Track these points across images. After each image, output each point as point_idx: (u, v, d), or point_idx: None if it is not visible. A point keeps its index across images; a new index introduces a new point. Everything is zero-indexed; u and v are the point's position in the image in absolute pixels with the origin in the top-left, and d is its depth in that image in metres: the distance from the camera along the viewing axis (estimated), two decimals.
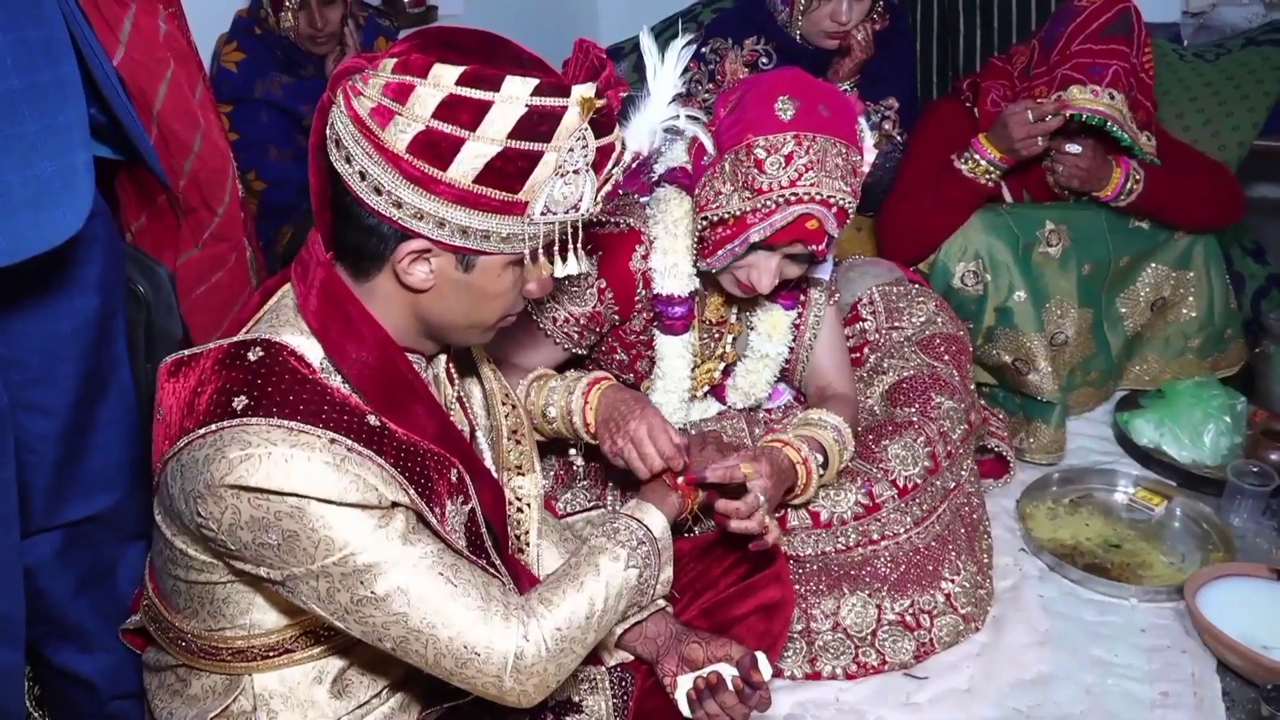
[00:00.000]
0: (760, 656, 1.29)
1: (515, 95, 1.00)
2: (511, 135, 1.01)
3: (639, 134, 1.32)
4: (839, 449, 1.60)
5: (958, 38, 2.65)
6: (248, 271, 1.60)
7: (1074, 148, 2.12)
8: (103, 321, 1.30)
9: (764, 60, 2.26)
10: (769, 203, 1.45)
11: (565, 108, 1.02)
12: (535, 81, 1.01)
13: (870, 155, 1.52)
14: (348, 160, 1.04)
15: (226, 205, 1.50)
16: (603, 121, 1.07)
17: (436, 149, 1.00)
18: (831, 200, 1.44)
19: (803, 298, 1.73)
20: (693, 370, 1.73)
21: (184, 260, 1.56)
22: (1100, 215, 2.26)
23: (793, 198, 1.43)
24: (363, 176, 1.04)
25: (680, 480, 1.41)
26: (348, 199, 1.07)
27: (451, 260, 1.08)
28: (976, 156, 2.13)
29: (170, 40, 1.40)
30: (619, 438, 1.44)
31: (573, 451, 1.64)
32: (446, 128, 1.00)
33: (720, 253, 1.52)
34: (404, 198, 1.03)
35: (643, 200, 1.63)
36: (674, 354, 1.67)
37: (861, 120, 1.52)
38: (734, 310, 1.73)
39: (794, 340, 1.75)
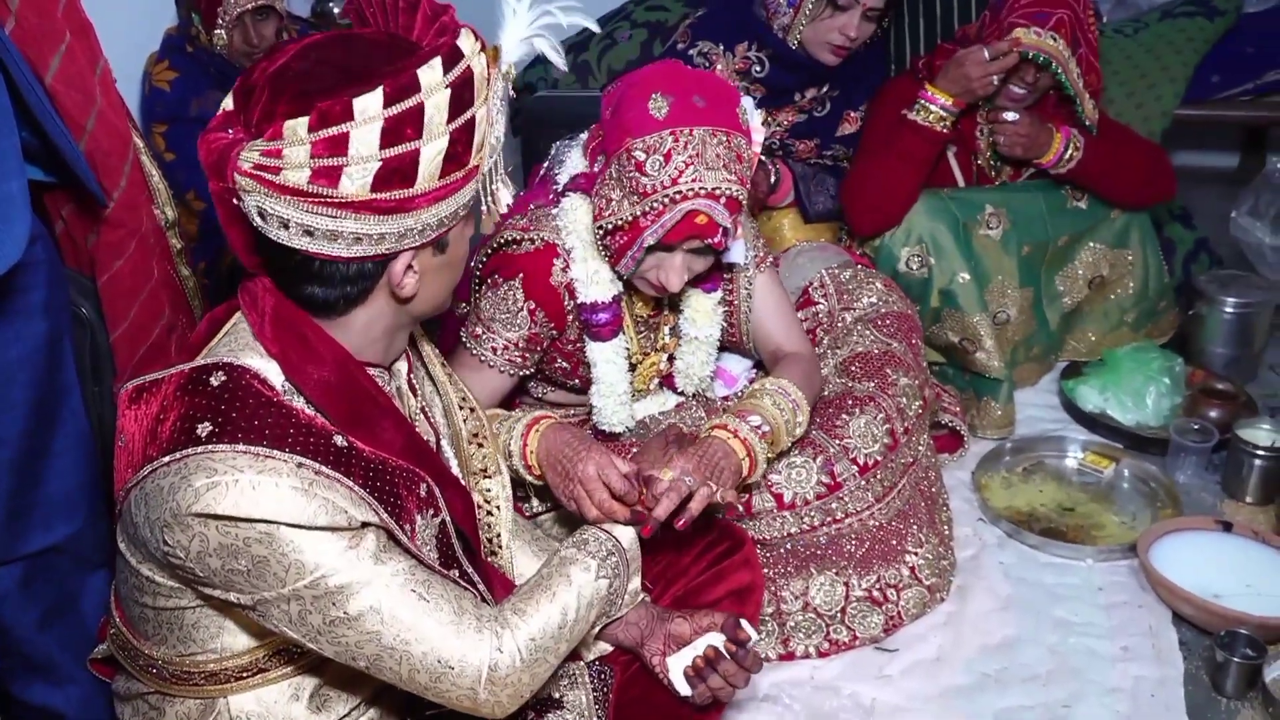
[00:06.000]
0: (743, 620, 1.32)
1: (436, 82, 1.02)
2: (450, 119, 1.03)
3: (511, 48, 1.29)
4: (780, 414, 1.57)
5: (903, 32, 2.67)
6: (150, 259, 1.53)
7: (1011, 115, 2.19)
8: (51, 346, 1.28)
9: (757, 69, 2.20)
10: (655, 204, 1.44)
11: (470, 67, 1.05)
12: (439, 59, 1.02)
13: (759, 135, 1.52)
14: (308, 234, 1.03)
15: (123, 190, 1.44)
16: (464, 81, 1.07)
17: (401, 173, 1.01)
18: (718, 191, 1.44)
19: (728, 276, 1.74)
20: (633, 368, 1.74)
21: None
22: (1039, 197, 2.32)
23: (677, 196, 1.43)
24: (333, 238, 1.03)
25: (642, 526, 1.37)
26: (315, 264, 1.06)
27: (429, 252, 1.11)
28: (927, 104, 2.15)
29: (70, 12, 1.35)
30: (570, 483, 1.41)
31: (535, 502, 1.64)
32: (399, 149, 1.00)
33: (624, 259, 1.52)
34: (386, 231, 1.04)
35: (553, 212, 1.62)
36: (605, 360, 1.67)
37: (745, 102, 1.51)
38: (665, 300, 1.73)
39: (730, 317, 1.76)
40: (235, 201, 1.03)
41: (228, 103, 1.05)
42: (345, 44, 1.06)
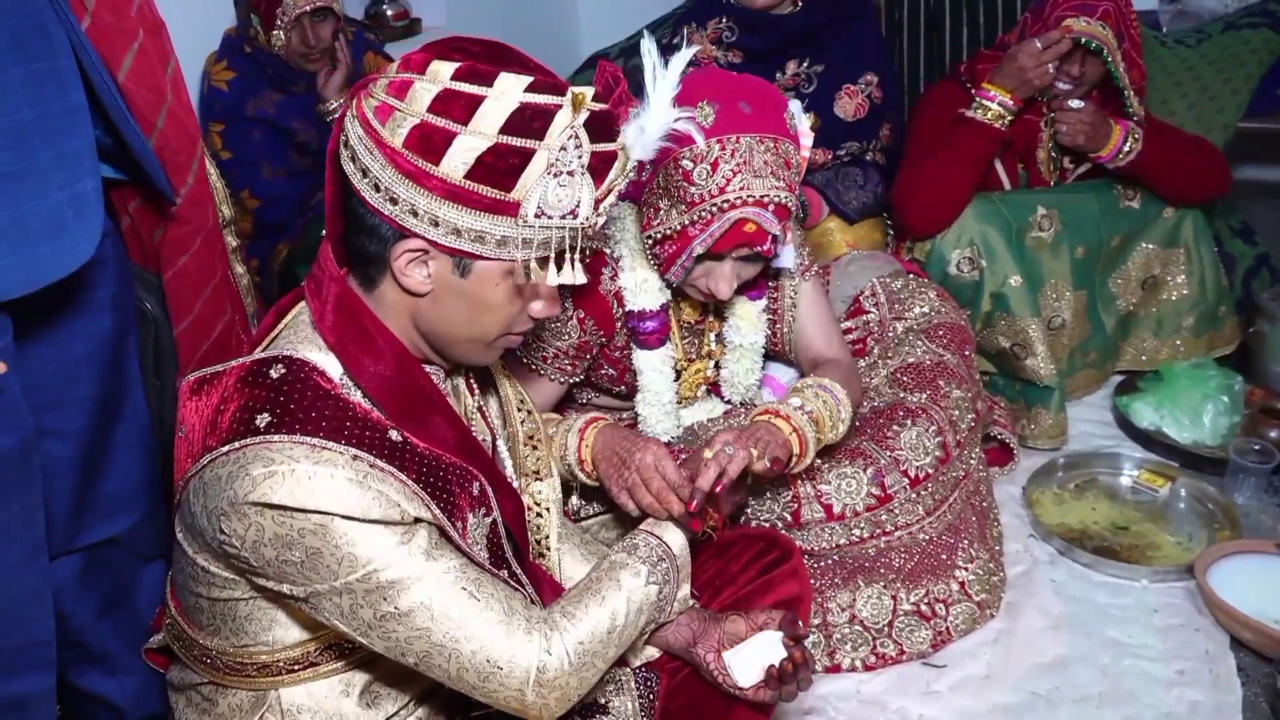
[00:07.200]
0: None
1: (508, 90, 1.01)
2: (503, 130, 1.01)
3: (636, 137, 1.30)
4: (821, 403, 1.54)
5: (944, 34, 2.67)
6: (214, 256, 1.55)
7: (1076, 103, 2.18)
8: (116, 342, 1.31)
9: (727, 35, 2.30)
10: (704, 213, 1.43)
11: (559, 105, 1.03)
12: (529, 79, 1.02)
13: (807, 140, 1.50)
14: (353, 159, 1.05)
15: (190, 187, 1.45)
16: (603, 128, 1.07)
17: (430, 143, 1.01)
18: (766, 199, 1.42)
19: (773, 284, 1.73)
20: (678, 375, 1.73)
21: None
22: (1091, 198, 2.29)
23: (725, 205, 1.42)
24: (364, 174, 1.04)
25: (692, 514, 1.34)
26: (353, 200, 1.07)
27: (448, 264, 1.07)
28: (985, 102, 2.16)
29: (144, 11, 1.38)
30: (626, 470, 1.40)
31: (575, 500, 1.64)
32: (440, 121, 1.01)
33: (673, 268, 1.51)
34: (399, 193, 1.03)
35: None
36: (651, 368, 1.67)
37: (793, 106, 1.50)
38: (710, 307, 1.72)
39: (774, 325, 1.74)
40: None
41: None
42: (502, 46, 1.09)
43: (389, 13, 3.21)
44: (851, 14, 2.33)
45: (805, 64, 2.29)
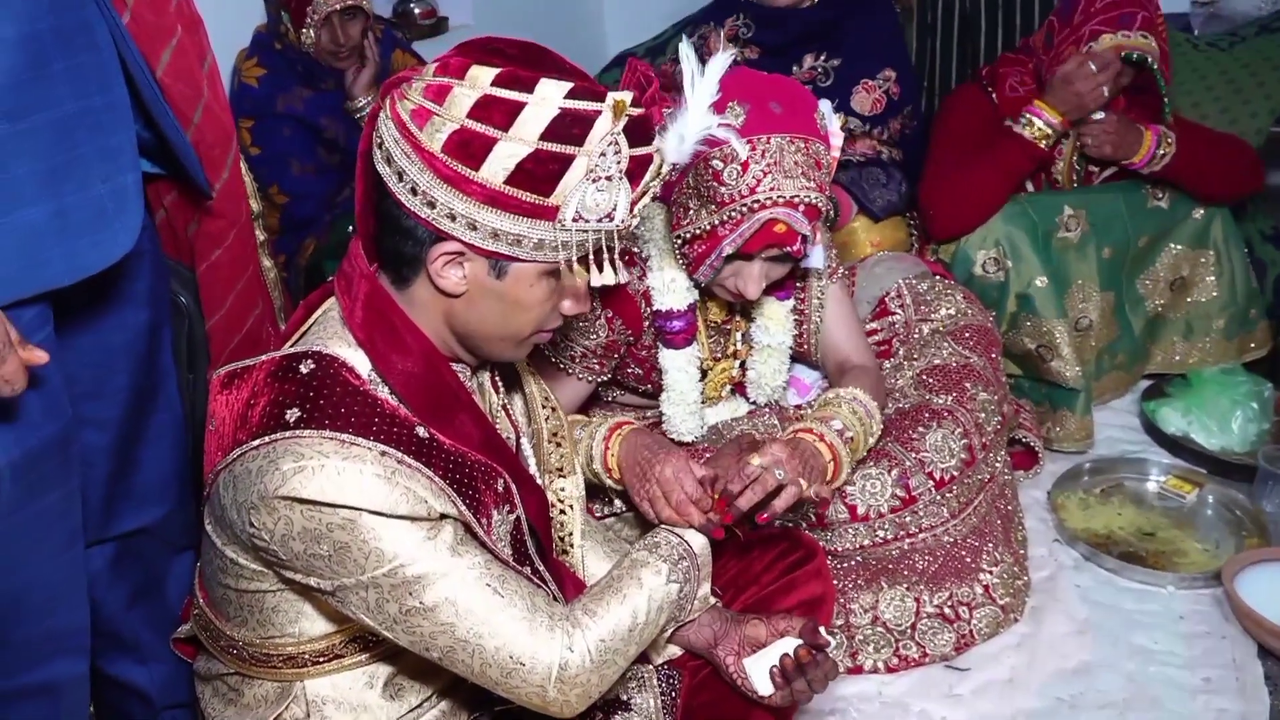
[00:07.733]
0: (820, 626, 1.30)
1: (548, 97, 1.02)
2: (543, 137, 1.01)
3: (675, 145, 1.27)
4: (858, 421, 1.55)
5: (978, 36, 2.66)
6: (246, 248, 1.56)
7: (1098, 114, 2.16)
8: (152, 334, 1.32)
9: (744, 31, 2.30)
10: (734, 214, 1.43)
11: (598, 112, 1.03)
12: (569, 85, 1.02)
13: (837, 140, 1.50)
14: (388, 161, 1.06)
15: (225, 182, 1.47)
16: (640, 131, 1.07)
17: (469, 148, 1.01)
18: (796, 200, 1.42)
19: (800, 285, 1.73)
20: (704, 375, 1.73)
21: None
22: (1119, 198, 2.28)
23: (755, 205, 1.41)
24: (400, 177, 1.05)
25: (719, 521, 1.34)
26: (388, 202, 1.08)
27: (484, 266, 1.08)
28: (1034, 119, 2.15)
29: (182, 8, 1.39)
30: (647, 483, 1.40)
31: (617, 503, 1.64)
32: (480, 127, 1.01)
33: (702, 268, 1.51)
34: (437, 198, 1.04)
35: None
36: (677, 367, 1.67)
37: (823, 106, 1.50)
38: (737, 306, 1.72)
39: (800, 326, 1.74)
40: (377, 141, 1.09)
41: None
42: (538, 48, 1.09)
43: (416, 11, 3.23)
44: (868, 7, 2.32)
45: (822, 58, 2.29)
